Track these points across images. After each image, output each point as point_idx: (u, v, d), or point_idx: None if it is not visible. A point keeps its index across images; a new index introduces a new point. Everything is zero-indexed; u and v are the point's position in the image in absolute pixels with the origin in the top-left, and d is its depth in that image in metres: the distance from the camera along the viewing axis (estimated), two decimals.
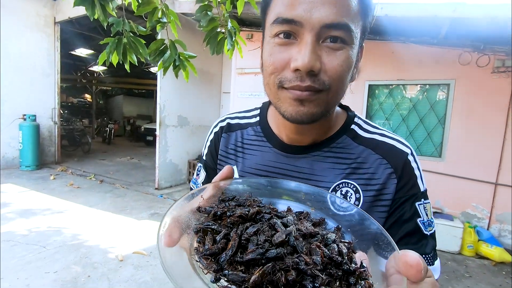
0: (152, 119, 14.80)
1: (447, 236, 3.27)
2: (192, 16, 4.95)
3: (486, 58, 3.35)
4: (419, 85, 3.78)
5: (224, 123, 0.67)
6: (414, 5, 3.01)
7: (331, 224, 0.40)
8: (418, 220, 0.52)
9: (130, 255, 2.84)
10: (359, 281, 0.28)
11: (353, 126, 0.57)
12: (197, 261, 0.30)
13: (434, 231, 0.54)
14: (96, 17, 1.64)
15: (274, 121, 0.60)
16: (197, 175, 0.68)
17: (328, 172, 0.54)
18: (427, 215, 0.53)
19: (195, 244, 0.32)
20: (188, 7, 4.53)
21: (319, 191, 0.43)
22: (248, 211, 0.35)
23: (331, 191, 0.52)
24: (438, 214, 3.56)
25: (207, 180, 0.65)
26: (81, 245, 2.98)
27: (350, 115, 0.58)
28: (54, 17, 6.53)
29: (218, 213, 0.35)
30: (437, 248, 0.53)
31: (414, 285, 0.27)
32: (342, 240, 0.35)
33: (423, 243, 0.51)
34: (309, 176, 0.54)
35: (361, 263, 0.31)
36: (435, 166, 3.65)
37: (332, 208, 0.41)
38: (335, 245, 0.32)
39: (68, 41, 8.54)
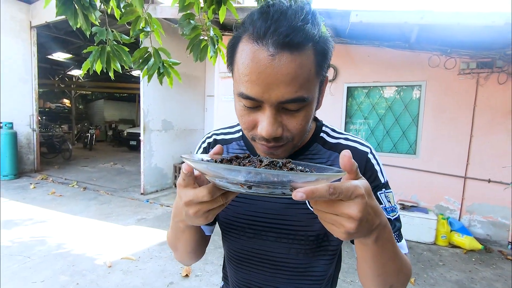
0: (135, 124, 14.55)
1: (423, 228, 3.49)
2: (175, 22, 4.98)
3: (452, 61, 3.60)
4: (394, 87, 4.00)
5: (211, 139, 0.74)
6: (386, 13, 3.20)
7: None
8: (381, 207, 0.62)
9: (118, 261, 2.86)
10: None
11: (322, 134, 0.66)
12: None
13: (398, 215, 0.63)
14: (78, 26, 1.68)
15: None
16: None
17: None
18: (389, 202, 0.62)
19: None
20: (170, 12, 4.55)
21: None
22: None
23: None
24: (414, 207, 3.78)
25: None
26: (67, 254, 2.96)
27: (318, 125, 0.67)
28: (30, 22, 6.35)
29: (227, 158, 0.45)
30: (413, 239, 0.62)
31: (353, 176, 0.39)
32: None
33: None
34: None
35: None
36: (410, 163, 3.87)
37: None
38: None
39: (45, 46, 8.30)
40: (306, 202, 0.61)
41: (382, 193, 0.61)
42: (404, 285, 0.55)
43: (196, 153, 0.75)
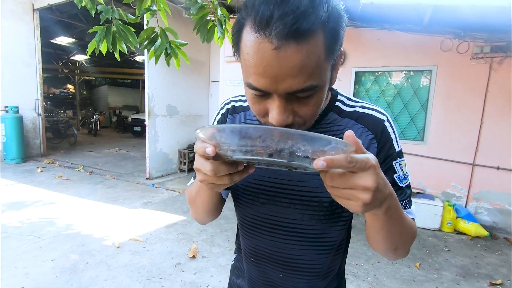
0: (139, 110, 14.55)
1: (428, 214, 3.48)
2: (180, 3, 4.87)
3: (466, 45, 3.49)
4: (403, 72, 3.91)
5: (229, 106, 0.74)
6: None
7: None
8: (395, 175, 0.62)
9: (126, 242, 2.90)
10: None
11: (337, 103, 0.65)
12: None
13: (409, 182, 0.65)
14: (83, 5, 1.64)
15: None
16: None
17: None
18: (402, 170, 0.63)
19: None
20: None
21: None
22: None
23: None
24: (420, 194, 3.77)
25: None
26: (77, 234, 3.02)
27: (333, 94, 0.66)
28: (33, 4, 6.26)
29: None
30: (419, 226, 0.63)
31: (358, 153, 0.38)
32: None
33: (399, 192, 0.62)
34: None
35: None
36: (418, 149, 3.83)
37: None
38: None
39: (48, 29, 8.21)
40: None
41: (397, 162, 0.62)
42: (408, 244, 0.59)
43: (214, 119, 0.75)
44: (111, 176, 5.40)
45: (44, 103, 7.02)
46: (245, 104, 0.72)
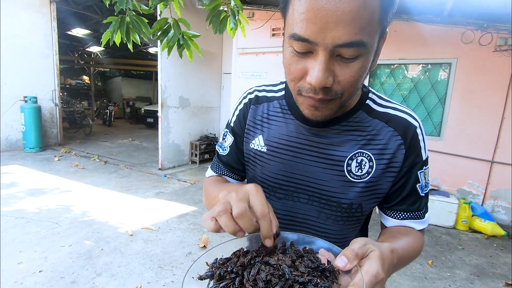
0: (151, 101, 14.73)
1: (443, 212, 3.40)
2: None
3: (488, 36, 3.34)
4: (421, 65, 3.79)
5: (252, 96, 0.71)
6: None
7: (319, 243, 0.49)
8: (418, 185, 0.61)
9: (139, 231, 2.98)
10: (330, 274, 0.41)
11: (368, 101, 0.62)
12: None
13: (428, 190, 0.63)
14: None
15: None
16: (223, 139, 0.75)
17: (345, 143, 0.60)
18: (425, 178, 0.62)
19: None
20: None
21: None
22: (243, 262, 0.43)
23: (348, 160, 0.59)
24: (434, 191, 3.68)
25: (234, 143, 0.72)
26: (92, 221, 3.11)
27: (364, 91, 0.62)
28: None
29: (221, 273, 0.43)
30: (432, 223, 0.63)
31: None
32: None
33: (418, 202, 0.61)
34: (328, 147, 0.60)
35: (328, 261, 0.44)
36: (434, 145, 3.73)
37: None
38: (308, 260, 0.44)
39: (64, 21, 8.36)
40: (345, 170, 0.59)
41: (421, 172, 0.61)
42: (412, 261, 0.60)
43: (236, 108, 0.74)
44: (124, 165, 5.52)
45: (61, 94, 7.20)
46: (269, 95, 0.70)
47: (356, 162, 0.59)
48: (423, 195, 0.61)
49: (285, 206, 0.65)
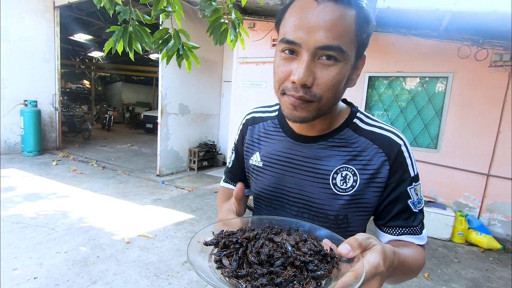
0: (151, 107, 14.78)
1: (439, 224, 3.41)
2: (195, 4, 4.93)
3: (484, 52, 3.41)
4: (418, 78, 3.85)
5: (249, 117, 0.80)
6: None
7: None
8: (409, 201, 0.63)
9: (136, 238, 2.97)
10: (331, 259, 0.43)
11: (355, 120, 0.66)
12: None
13: (423, 206, 0.65)
14: (102, 5, 1.68)
15: None
16: (232, 153, 0.86)
17: (331, 158, 0.64)
18: (417, 195, 0.64)
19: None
20: None
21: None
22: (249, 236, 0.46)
23: (333, 174, 0.63)
24: (431, 203, 3.70)
25: (236, 159, 0.83)
26: (89, 228, 3.10)
27: (353, 111, 0.67)
28: (54, 2, 6.45)
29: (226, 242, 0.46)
30: (429, 235, 0.65)
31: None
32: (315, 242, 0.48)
33: (412, 218, 0.63)
34: (315, 161, 0.64)
35: (330, 248, 0.46)
36: (431, 157, 3.76)
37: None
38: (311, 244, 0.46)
39: (67, 26, 8.44)
40: (330, 183, 0.63)
41: (411, 188, 0.63)
42: (415, 275, 0.61)
43: (238, 130, 0.82)
44: (122, 171, 5.51)
45: (61, 98, 7.23)
46: (265, 115, 0.77)
47: (341, 176, 0.63)
48: (417, 211, 0.63)
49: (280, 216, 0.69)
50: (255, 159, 0.73)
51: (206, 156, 6.12)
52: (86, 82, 15.98)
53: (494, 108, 3.43)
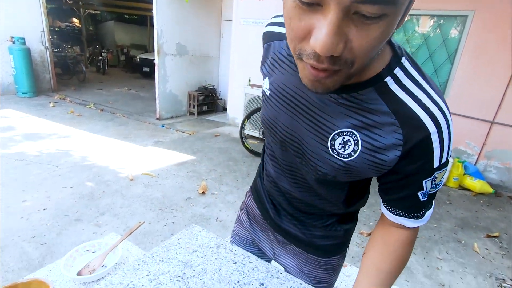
0: (147, 50, 14.05)
1: None
2: None
3: None
4: (434, 18, 3.55)
5: (267, 30, 0.64)
6: None
7: None
8: (419, 192, 0.53)
9: (139, 176, 3.04)
10: None
11: (387, 78, 0.47)
12: None
13: (436, 191, 0.55)
14: None
15: None
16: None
17: (338, 116, 0.51)
18: (434, 182, 0.52)
19: None
20: None
21: None
22: None
23: (334, 135, 0.52)
24: None
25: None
26: (92, 166, 3.15)
27: (393, 61, 0.47)
28: None
29: None
30: None
31: None
32: None
33: (415, 207, 0.55)
34: (320, 113, 0.53)
35: None
36: None
37: None
38: None
39: None
40: (328, 142, 0.53)
41: (429, 180, 0.51)
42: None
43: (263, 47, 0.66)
44: (121, 114, 5.45)
45: (50, 37, 6.78)
46: (282, 30, 0.59)
47: (342, 140, 0.52)
48: (425, 199, 0.54)
49: (280, 150, 0.66)
50: (265, 85, 0.63)
51: (206, 101, 5.99)
52: (75, 20, 14.90)
53: (510, 52, 3.23)
